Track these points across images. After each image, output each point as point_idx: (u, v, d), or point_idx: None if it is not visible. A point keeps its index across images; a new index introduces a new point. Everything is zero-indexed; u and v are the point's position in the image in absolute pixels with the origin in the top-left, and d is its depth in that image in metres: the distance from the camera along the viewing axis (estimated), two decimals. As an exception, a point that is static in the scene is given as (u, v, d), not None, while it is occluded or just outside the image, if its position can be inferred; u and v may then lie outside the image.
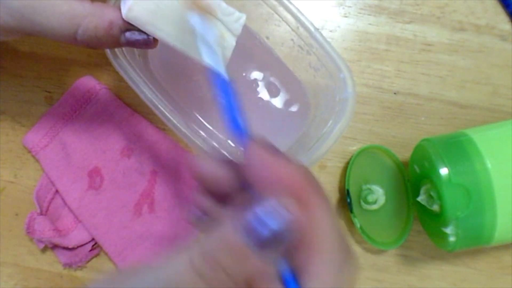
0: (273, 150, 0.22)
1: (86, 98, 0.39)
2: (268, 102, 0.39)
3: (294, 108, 0.39)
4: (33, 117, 0.39)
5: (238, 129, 0.24)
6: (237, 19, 0.30)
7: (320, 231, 0.21)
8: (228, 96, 0.24)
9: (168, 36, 0.29)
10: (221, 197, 0.25)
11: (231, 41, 0.30)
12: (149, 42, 0.29)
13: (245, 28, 0.31)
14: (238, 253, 0.19)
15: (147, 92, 0.32)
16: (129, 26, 0.28)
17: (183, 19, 0.29)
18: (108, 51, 0.32)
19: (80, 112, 0.39)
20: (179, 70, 0.38)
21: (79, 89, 0.39)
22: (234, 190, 0.24)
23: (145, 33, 0.29)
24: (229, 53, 0.31)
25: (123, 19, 0.28)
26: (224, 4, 0.30)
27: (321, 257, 0.21)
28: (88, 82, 0.39)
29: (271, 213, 0.19)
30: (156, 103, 0.32)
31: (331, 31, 0.41)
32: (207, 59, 0.26)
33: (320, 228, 0.21)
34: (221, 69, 0.25)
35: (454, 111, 0.41)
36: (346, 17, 0.42)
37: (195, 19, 0.28)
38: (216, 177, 0.24)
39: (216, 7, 0.29)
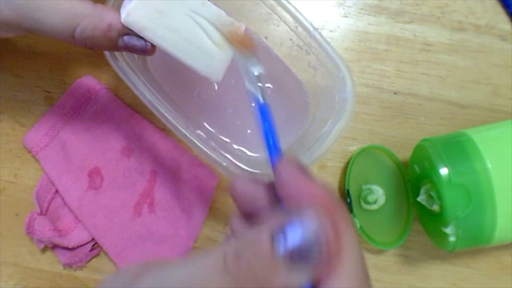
0: (304, 169, 0.24)
1: (86, 98, 0.39)
2: (268, 102, 0.39)
3: (294, 108, 0.39)
4: (33, 117, 0.39)
5: (273, 149, 0.26)
6: (236, 29, 0.30)
7: (346, 247, 0.21)
8: (266, 119, 0.27)
9: (166, 44, 0.29)
10: (251, 218, 0.25)
11: (229, 51, 0.30)
12: (147, 48, 0.29)
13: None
14: (268, 262, 0.19)
15: (146, 93, 0.32)
16: (128, 31, 0.28)
17: (184, 28, 0.29)
18: (106, 52, 0.32)
19: (80, 112, 0.39)
20: (178, 72, 0.38)
21: (79, 89, 0.39)
22: (265, 209, 0.25)
23: (143, 39, 0.29)
24: (227, 62, 0.30)
25: (122, 23, 0.28)
26: (223, 13, 0.30)
27: (344, 269, 0.21)
28: (88, 82, 0.39)
29: (305, 223, 0.20)
30: (155, 104, 0.32)
31: (331, 31, 0.41)
32: (250, 87, 0.28)
33: (346, 243, 0.21)
34: (260, 96, 0.28)
35: (454, 111, 0.41)
36: (346, 17, 0.42)
37: (238, 56, 0.30)
38: (254, 196, 0.25)
39: (255, 43, 0.30)
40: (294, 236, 0.19)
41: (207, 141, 0.33)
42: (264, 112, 0.27)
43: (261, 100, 0.27)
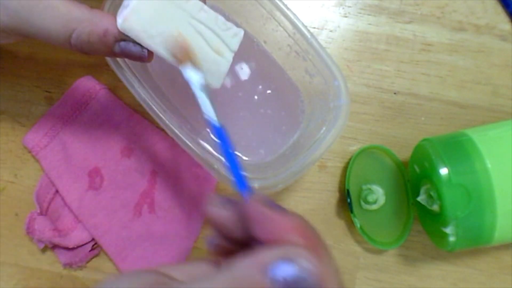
0: (271, 204, 0.23)
1: (86, 98, 0.39)
2: (264, 106, 0.39)
3: (289, 112, 0.39)
4: (33, 117, 0.39)
5: (240, 180, 0.24)
6: (234, 34, 0.30)
7: (329, 280, 0.20)
8: (226, 145, 0.24)
9: (163, 51, 0.28)
10: (238, 241, 0.24)
11: (228, 57, 0.30)
12: (143, 55, 0.29)
13: (244, 31, 0.31)
14: None
15: (141, 92, 0.32)
16: (124, 37, 0.28)
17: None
18: None
19: (80, 112, 0.39)
20: (177, 74, 0.38)
21: (79, 89, 0.39)
22: (247, 236, 0.23)
23: (140, 45, 0.28)
24: (226, 68, 0.30)
25: (118, 29, 0.28)
26: (221, 19, 0.29)
27: None
28: (88, 82, 0.39)
29: (297, 262, 0.19)
30: (150, 103, 0.31)
31: (331, 31, 0.41)
32: (205, 111, 0.26)
33: (329, 277, 0.21)
34: (212, 115, 0.25)
35: (454, 111, 0.41)
36: (346, 17, 0.42)
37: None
38: (224, 222, 0.24)
39: (196, 53, 0.28)
40: (287, 274, 0.19)
41: (201, 143, 0.33)
42: (223, 137, 0.24)
43: (216, 122, 0.25)
